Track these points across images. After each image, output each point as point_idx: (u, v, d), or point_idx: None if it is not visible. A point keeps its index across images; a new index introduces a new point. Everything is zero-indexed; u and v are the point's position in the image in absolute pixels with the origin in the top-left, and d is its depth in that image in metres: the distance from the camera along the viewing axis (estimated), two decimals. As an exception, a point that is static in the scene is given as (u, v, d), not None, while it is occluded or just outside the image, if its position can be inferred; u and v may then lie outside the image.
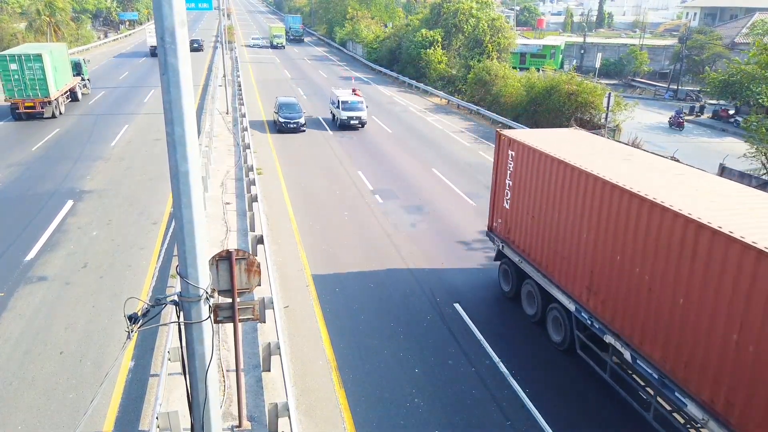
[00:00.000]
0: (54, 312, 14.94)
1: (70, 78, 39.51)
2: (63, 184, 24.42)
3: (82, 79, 43.01)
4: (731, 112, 44.82)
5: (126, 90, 46.50)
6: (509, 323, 15.27)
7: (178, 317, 6.05)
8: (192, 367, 6.21)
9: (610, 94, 30.56)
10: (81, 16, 78.26)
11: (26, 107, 34.21)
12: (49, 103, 34.80)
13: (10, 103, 34.58)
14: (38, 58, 33.77)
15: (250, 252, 17.25)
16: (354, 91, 38.57)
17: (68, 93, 39.24)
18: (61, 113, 36.63)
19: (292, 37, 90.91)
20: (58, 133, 32.38)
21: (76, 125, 34.51)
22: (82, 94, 42.68)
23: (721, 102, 47.05)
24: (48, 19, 62.47)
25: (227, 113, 39.01)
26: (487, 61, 46.23)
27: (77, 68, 41.81)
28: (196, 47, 73.22)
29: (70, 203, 22.26)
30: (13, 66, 33.42)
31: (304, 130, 35.03)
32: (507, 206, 14.26)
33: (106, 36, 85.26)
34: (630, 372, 11.55)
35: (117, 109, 39.27)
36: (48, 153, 28.75)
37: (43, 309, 15.07)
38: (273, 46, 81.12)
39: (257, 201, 21.04)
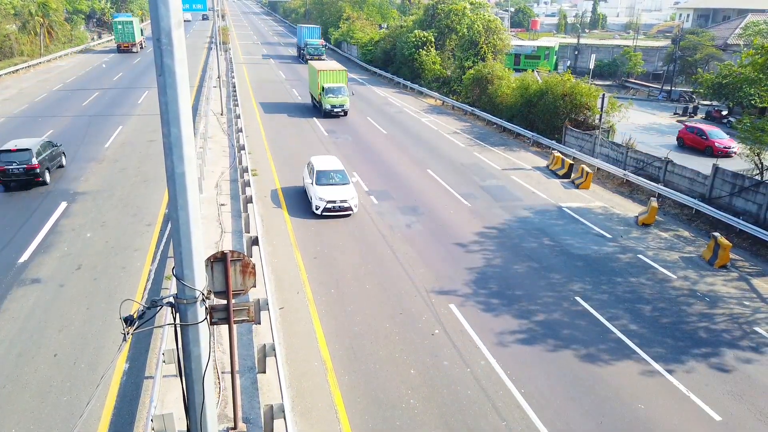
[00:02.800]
0: (48, 314, 14.86)
1: (140, 36, 73.41)
2: (56, 185, 24.30)
3: (144, 38, 76.73)
4: (724, 113, 45.10)
5: (121, 90, 46.35)
6: (504, 324, 15.30)
7: (174, 319, 6.04)
8: (188, 368, 6.20)
9: (604, 95, 30.68)
10: (74, 17, 77.88)
11: (124, 46, 70.56)
12: (134, 45, 70.41)
13: (117, 44, 71.04)
14: (131, 22, 70.47)
15: (245, 253, 17.22)
16: None
17: (141, 43, 73.22)
18: (137, 52, 70.93)
19: (309, 57, 61.61)
20: (52, 134, 32.22)
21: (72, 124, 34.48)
22: (144, 46, 75.26)
23: (714, 103, 47.32)
24: (41, 20, 62.15)
25: (222, 114, 38.93)
26: (490, 61, 46.32)
27: (142, 32, 75.48)
28: (204, 18, 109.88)
29: (63, 205, 22.16)
30: (119, 26, 70.09)
31: None
32: None
33: (99, 37, 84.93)
34: None
35: (111, 110, 39.13)
36: (41, 154, 28.59)
37: (36, 311, 14.99)
38: (328, 114, 39.32)
39: (252, 202, 21.01)
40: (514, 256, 19.34)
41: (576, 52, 71.13)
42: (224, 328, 13.50)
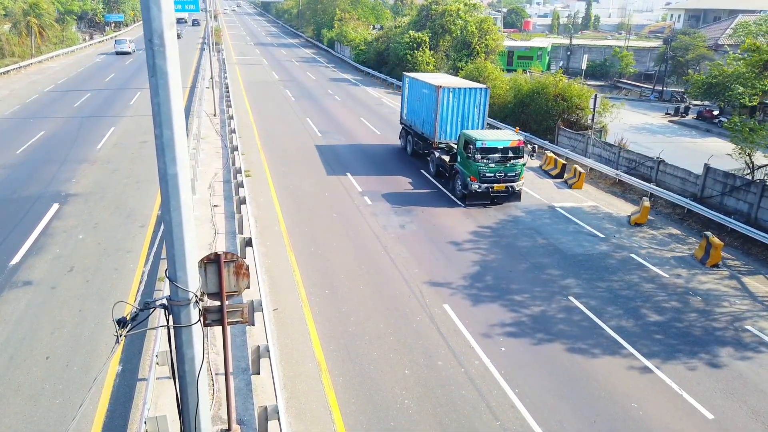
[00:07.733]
0: (40, 317, 14.77)
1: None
2: (48, 187, 24.15)
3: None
4: (715, 112, 45.39)
5: (113, 92, 46.13)
6: (498, 324, 15.34)
7: (168, 321, 6.03)
8: (181, 370, 6.18)
9: (596, 95, 30.79)
10: (66, 17, 77.47)
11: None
12: (182, 19, 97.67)
13: None
14: None
15: (239, 254, 17.17)
16: None
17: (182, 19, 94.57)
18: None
19: (484, 193, 23.44)
20: (44, 136, 32.04)
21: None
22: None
23: (705, 103, 47.62)
24: (33, 20, 61.80)
25: (215, 115, 38.83)
26: (479, 61, 46.40)
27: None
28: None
29: (55, 206, 22.02)
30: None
31: None
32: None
33: (91, 38, 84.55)
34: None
35: (103, 111, 38.94)
36: (33, 156, 28.43)
37: (28, 314, 14.89)
38: None
39: (245, 203, 20.96)
40: (508, 256, 19.39)
41: (568, 53, 71.42)
42: (218, 329, 13.44)
